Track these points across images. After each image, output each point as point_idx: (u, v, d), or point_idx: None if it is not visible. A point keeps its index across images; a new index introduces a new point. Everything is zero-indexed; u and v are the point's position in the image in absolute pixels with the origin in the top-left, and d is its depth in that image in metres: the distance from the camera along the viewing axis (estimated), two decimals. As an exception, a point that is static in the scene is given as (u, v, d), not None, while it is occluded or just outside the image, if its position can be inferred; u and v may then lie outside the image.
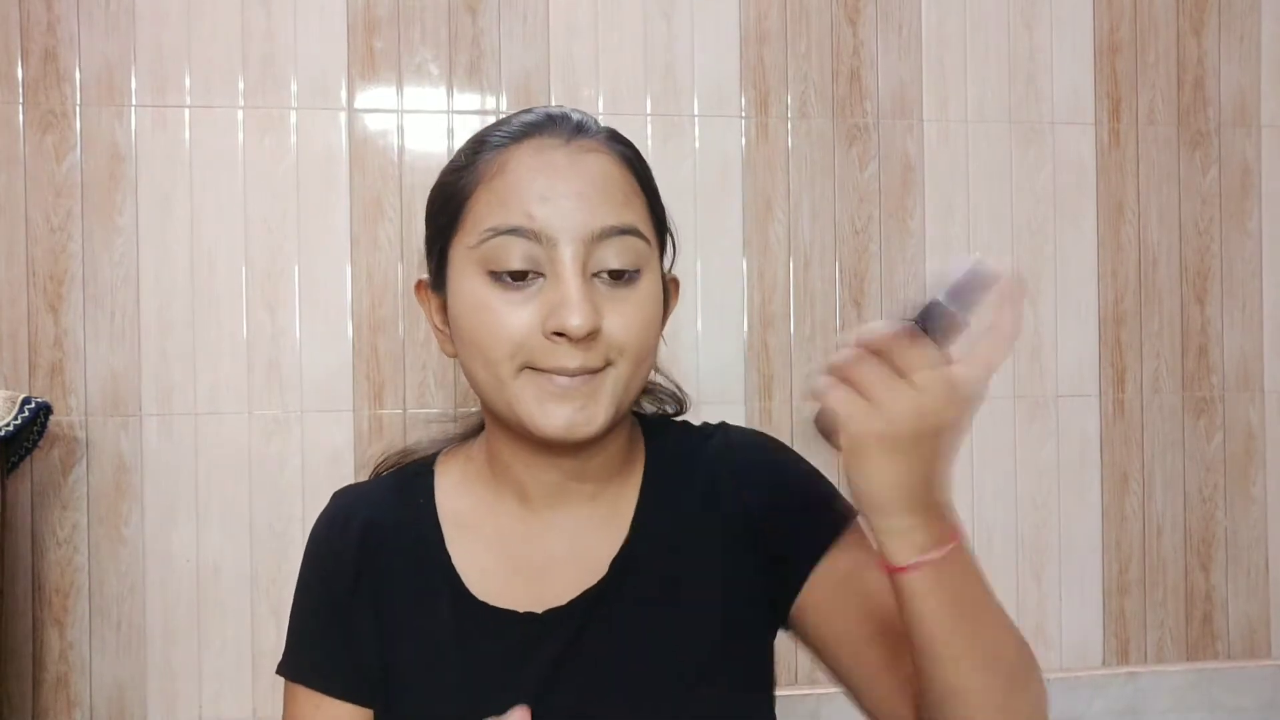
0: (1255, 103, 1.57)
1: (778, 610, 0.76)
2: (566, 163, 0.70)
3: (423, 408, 1.38)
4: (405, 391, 1.38)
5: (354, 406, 1.37)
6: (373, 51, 1.38)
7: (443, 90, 1.40)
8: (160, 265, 1.34)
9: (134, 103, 1.33)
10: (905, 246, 1.49)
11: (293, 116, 1.37)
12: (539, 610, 0.74)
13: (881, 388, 0.57)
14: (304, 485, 1.36)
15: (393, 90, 1.39)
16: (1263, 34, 1.58)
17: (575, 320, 0.66)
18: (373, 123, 1.38)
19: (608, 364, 0.69)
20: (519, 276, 0.69)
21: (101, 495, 1.33)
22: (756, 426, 1.44)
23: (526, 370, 0.69)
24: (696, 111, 1.44)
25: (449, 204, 0.74)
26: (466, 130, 1.40)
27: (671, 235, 0.81)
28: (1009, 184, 1.52)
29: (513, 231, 0.68)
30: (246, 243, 1.35)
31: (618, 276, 0.70)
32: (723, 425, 0.84)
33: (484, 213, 0.70)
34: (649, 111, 1.43)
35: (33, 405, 1.22)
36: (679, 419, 0.87)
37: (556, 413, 0.69)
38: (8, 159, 1.31)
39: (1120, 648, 1.53)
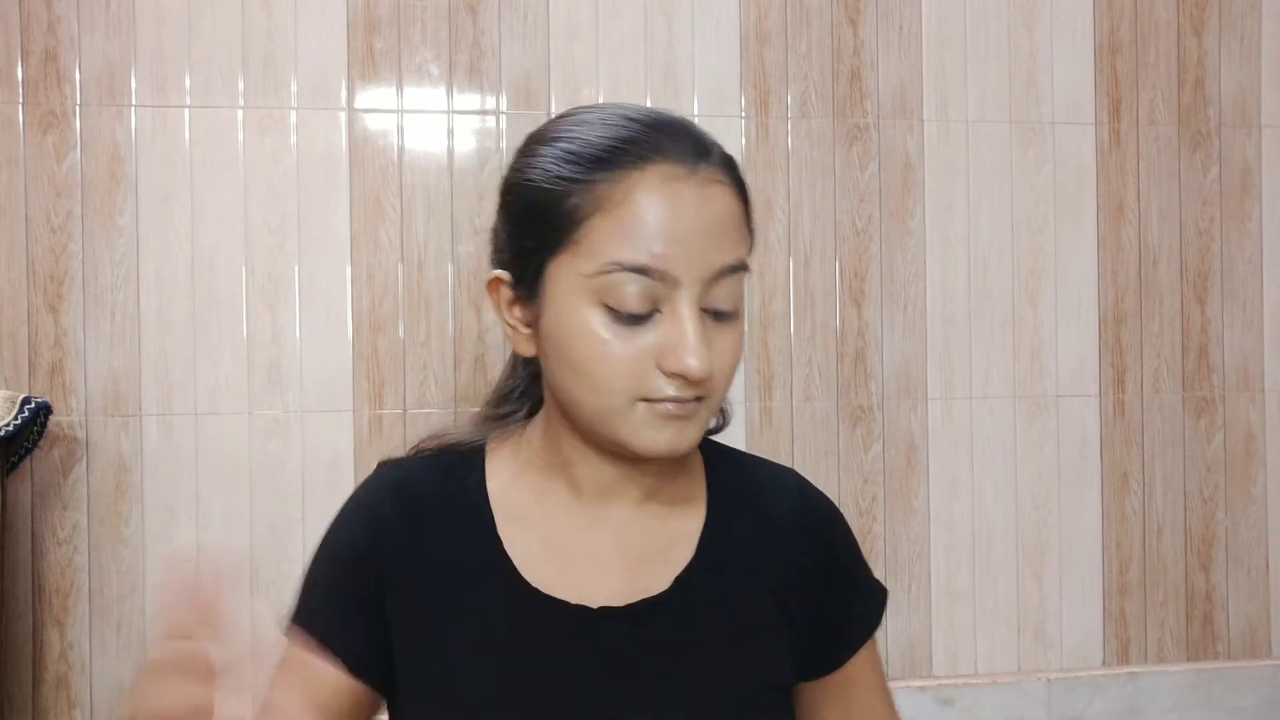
0: (1255, 103, 1.57)
1: (797, 671, 0.80)
2: (695, 198, 0.69)
3: (423, 408, 1.38)
4: (405, 391, 1.38)
5: (354, 406, 1.37)
6: (373, 51, 1.38)
7: (443, 90, 1.40)
8: (160, 265, 1.34)
9: (134, 103, 1.33)
10: (905, 246, 1.49)
11: (293, 116, 1.37)
12: (591, 605, 0.74)
13: None
14: (304, 485, 1.36)
15: (393, 90, 1.39)
16: (1263, 34, 1.58)
17: (694, 363, 0.67)
18: (373, 123, 1.38)
19: (708, 396, 0.71)
20: (637, 317, 0.69)
21: (101, 495, 1.33)
22: (756, 426, 1.45)
23: (640, 402, 0.69)
24: (696, 111, 1.44)
25: (556, 218, 0.70)
26: (467, 130, 1.40)
27: (751, 236, 0.81)
28: (1009, 184, 1.52)
29: (637, 270, 0.67)
30: (246, 242, 1.35)
31: (722, 314, 0.71)
32: (793, 471, 0.86)
33: (604, 242, 0.68)
34: (649, 111, 1.43)
35: (33, 405, 1.22)
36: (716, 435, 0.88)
37: (662, 434, 0.70)
38: (8, 159, 1.31)
39: (1120, 648, 1.53)
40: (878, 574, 0.85)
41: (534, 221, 0.72)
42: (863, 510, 1.47)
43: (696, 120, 1.45)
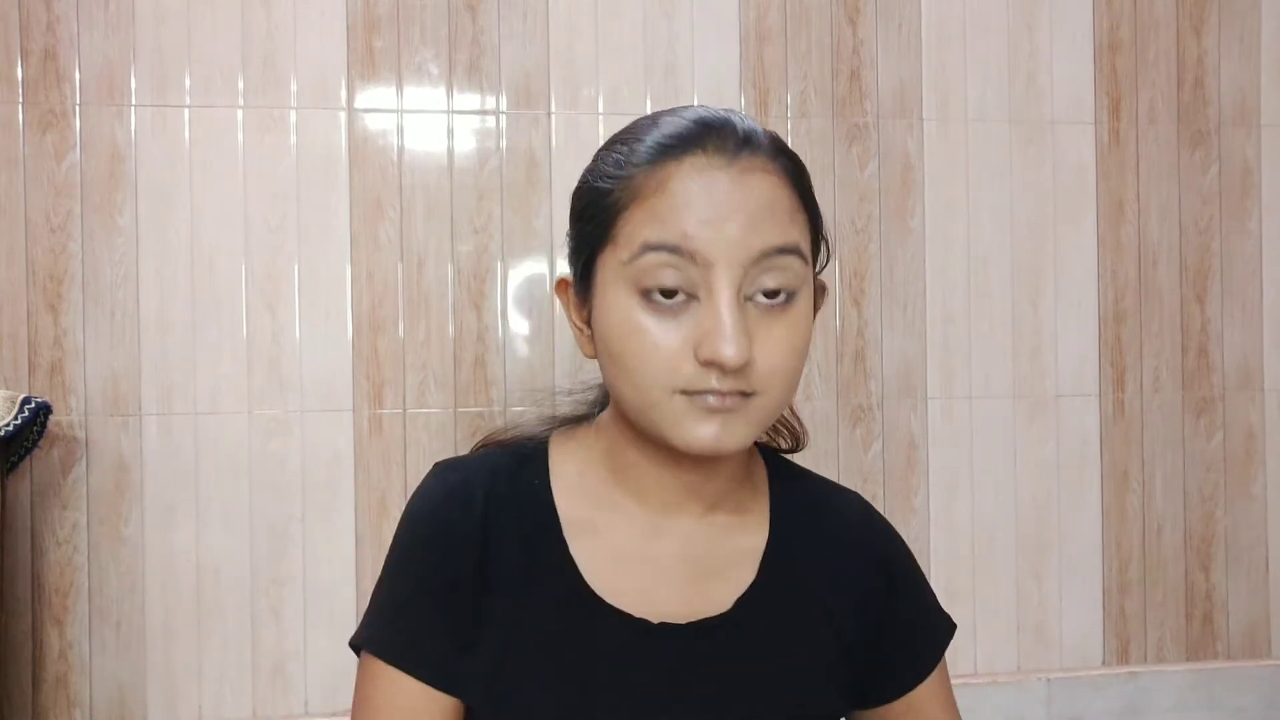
0: (1255, 102, 1.57)
1: (851, 699, 0.78)
2: (731, 185, 0.67)
3: (423, 408, 1.38)
4: (405, 391, 1.38)
5: (354, 406, 1.37)
6: (373, 51, 1.38)
7: (443, 90, 1.40)
8: (160, 265, 1.34)
9: (134, 102, 1.33)
10: (905, 246, 1.49)
11: (293, 116, 1.37)
12: (652, 619, 0.73)
13: None
14: (304, 485, 1.36)
15: (393, 90, 1.39)
16: (1263, 33, 1.58)
17: (729, 351, 0.64)
18: (373, 122, 1.38)
19: (758, 392, 0.68)
20: (670, 294, 0.67)
21: (101, 495, 1.33)
22: (757, 426, 1.45)
23: (679, 395, 0.67)
24: (696, 111, 1.44)
25: (600, 213, 0.71)
26: (467, 130, 1.40)
27: (826, 242, 0.79)
28: (1009, 183, 1.52)
29: (667, 249, 0.66)
30: (246, 242, 1.35)
31: (773, 296, 0.68)
32: (858, 495, 0.85)
33: (639, 229, 0.68)
34: (649, 111, 1.43)
35: (33, 405, 1.22)
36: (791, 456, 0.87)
37: (704, 429, 0.67)
38: (8, 159, 1.31)
39: (1120, 647, 1.53)
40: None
41: (585, 220, 0.73)
42: (863, 510, 1.47)
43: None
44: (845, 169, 1.47)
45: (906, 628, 0.80)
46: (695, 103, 1.44)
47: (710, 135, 0.69)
